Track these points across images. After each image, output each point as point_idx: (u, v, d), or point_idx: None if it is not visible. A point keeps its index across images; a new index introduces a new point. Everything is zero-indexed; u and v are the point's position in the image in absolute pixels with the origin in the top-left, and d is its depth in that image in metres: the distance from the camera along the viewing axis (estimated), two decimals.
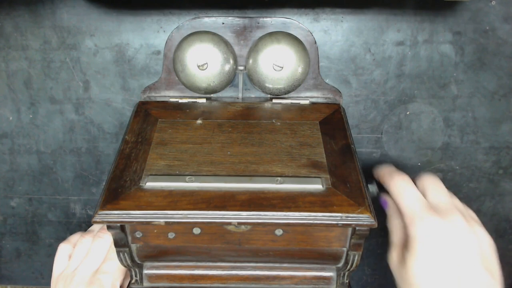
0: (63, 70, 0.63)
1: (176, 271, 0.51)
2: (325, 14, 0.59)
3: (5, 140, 0.67)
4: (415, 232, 0.45)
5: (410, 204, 0.47)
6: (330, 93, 0.61)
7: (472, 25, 0.60)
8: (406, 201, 0.48)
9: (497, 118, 0.65)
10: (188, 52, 0.58)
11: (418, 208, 0.46)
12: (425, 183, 0.50)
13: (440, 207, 0.47)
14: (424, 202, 0.47)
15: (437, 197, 0.48)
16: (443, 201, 0.48)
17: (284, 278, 0.51)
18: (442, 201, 0.48)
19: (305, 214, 0.42)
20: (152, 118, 0.56)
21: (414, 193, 0.48)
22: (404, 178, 0.50)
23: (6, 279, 0.79)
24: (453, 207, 0.47)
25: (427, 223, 0.45)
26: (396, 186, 0.49)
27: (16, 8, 0.59)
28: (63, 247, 0.56)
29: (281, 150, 0.50)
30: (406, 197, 0.48)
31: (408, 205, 0.47)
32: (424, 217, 0.45)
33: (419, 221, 0.45)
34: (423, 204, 0.47)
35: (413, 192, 0.48)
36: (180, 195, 0.44)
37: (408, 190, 0.48)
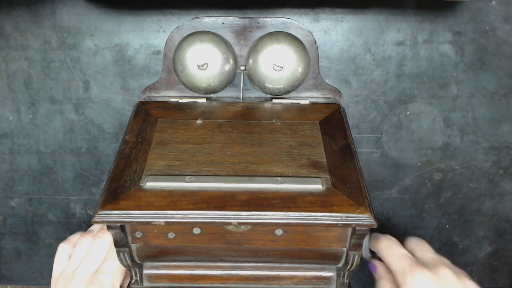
0: (63, 70, 0.63)
1: (176, 271, 0.50)
2: (325, 14, 0.59)
3: (5, 140, 0.67)
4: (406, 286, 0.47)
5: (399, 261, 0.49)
6: (330, 93, 0.61)
7: (472, 25, 0.60)
8: (395, 259, 0.49)
9: (497, 118, 0.65)
10: (188, 52, 0.58)
11: (407, 264, 0.48)
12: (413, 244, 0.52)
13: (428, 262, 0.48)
14: (412, 258, 0.49)
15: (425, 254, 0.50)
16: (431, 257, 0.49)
17: (284, 278, 0.51)
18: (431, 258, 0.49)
19: (305, 214, 0.42)
20: (152, 118, 0.56)
21: (402, 251, 0.50)
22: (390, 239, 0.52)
23: (6, 279, 0.79)
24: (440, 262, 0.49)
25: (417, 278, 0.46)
26: (384, 247, 0.51)
27: (16, 8, 0.59)
28: (63, 247, 0.56)
29: (281, 150, 0.50)
30: (395, 256, 0.49)
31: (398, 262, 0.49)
32: (414, 272, 0.47)
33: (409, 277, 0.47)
34: (412, 260, 0.48)
35: (401, 250, 0.50)
36: (180, 195, 0.44)
37: (396, 249, 0.50)
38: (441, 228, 0.72)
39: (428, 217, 0.72)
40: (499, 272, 0.76)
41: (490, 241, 0.73)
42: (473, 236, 0.73)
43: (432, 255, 0.50)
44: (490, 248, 0.74)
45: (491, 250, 0.74)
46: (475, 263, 0.75)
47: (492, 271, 0.76)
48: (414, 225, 0.72)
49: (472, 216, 0.71)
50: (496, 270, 0.76)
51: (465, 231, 0.73)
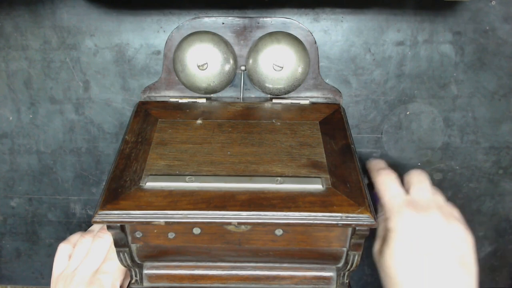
0: (63, 70, 0.63)
1: (176, 271, 0.50)
2: (325, 14, 0.59)
3: (5, 140, 0.67)
4: (391, 225, 0.48)
5: (390, 199, 0.49)
6: (330, 93, 0.61)
7: (472, 25, 0.60)
8: (387, 196, 0.50)
9: (497, 118, 0.65)
10: (188, 52, 0.58)
11: (397, 203, 0.49)
12: (411, 179, 0.52)
13: (420, 203, 0.49)
14: (404, 198, 0.49)
15: (419, 193, 0.50)
16: (424, 197, 0.49)
17: (284, 278, 0.51)
18: (424, 197, 0.49)
19: (305, 214, 0.42)
20: (152, 118, 0.56)
21: (396, 188, 0.50)
22: (388, 174, 0.52)
23: (6, 279, 0.79)
24: (434, 204, 0.49)
25: (404, 217, 0.47)
26: (380, 181, 0.52)
27: (16, 8, 0.59)
28: (63, 247, 0.56)
29: (281, 150, 0.50)
30: (388, 192, 0.50)
31: (389, 200, 0.49)
32: (401, 211, 0.48)
33: (396, 215, 0.48)
34: (403, 199, 0.49)
35: (395, 188, 0.50)
36: (180, 195, 0.44)
37: (391, 186, 0.51)
38: None
39: None
40: (499, 272, 0.76)
41: (490, 241, 0.73)
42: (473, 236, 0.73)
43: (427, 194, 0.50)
44: (490, 248, 0.74)
45: (491, 250, 0.74)
46: None
47: (492, 271, 0.76)
48: None
49: (472, 216, 0.71)
50: (496, 270, 0.76)
51: None
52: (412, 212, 0.47)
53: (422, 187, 0.51)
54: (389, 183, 0.51)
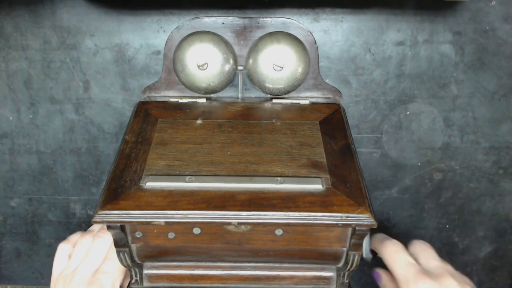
0: (63, 70, 0.63)
1: (176, 271, 0.50)
2: (325, 14, 0.59)
3: (5, 140, 0.67)
4: None
5: (403, 269, 0.48)
6: (330, 93, 0.61)
7: (472, 25, 0.60)
8: (399, 267, 0.49)
9: (497, 118, 0.65)
10: (188, 52, 0.58)
11: (412, 273, 0.47)
12: (417, 249, 0.51)
13: (432, 271, 0.48)
14: (417, 267, 0.48)
15: (429, 262, 0.49)
16: (435, 265, 0.49)
17: (284, 278, 0.51)
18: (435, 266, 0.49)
19: (305, 214, 0.42)
20: (152, 118, 0.56)
21: (407, 258, 0.49)
22: (396, 245, 0.51)
23: (6, 279, 0.79)
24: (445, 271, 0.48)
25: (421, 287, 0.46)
26: (388, 253, 0.50)
27: (16, 8, 0.59)
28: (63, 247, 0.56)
29: (281, 150, 0.50)
30: (399, 263, 0.49)
31: (402, 271, 0.48)
32: (418, 281, 0.46)
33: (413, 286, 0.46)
34: (416, 268, 0.48)
35: (406, 258, 0.49)
36: (180, 195, 0.44)
37: (401, 256, 0.49)
38: (441, 228, 0.72)
39: (428, 217, 0.72)
40: (499, 272, 0.76)
41: (490, 241, 0.73)
42: (473, 236, 0.73)
43: (436, 262, 0.49)
44: (490, 248, 0.74)
45: (491, 250, 0.74)
46: (475, 263, 0.75)
47: (492, 271, 0.76)
48: (414, 225, 0.72)
49: (472, 216, 0.71)
50: (496, 270, 0.76)
51: (465, 231, 0.73)
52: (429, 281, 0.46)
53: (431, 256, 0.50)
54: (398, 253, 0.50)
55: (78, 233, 0.58)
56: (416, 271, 0.47)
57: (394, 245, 0.51)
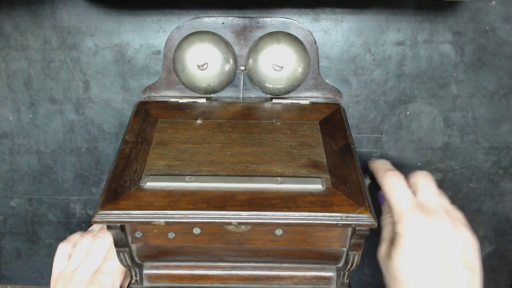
0: (63, 70, 0.63)
1: (176, 271, 0.51)
2: (325, 14, 0.59)
3: (5, 140, 0.67)
4: (402, 229, 0.48)
5: (399, 202, 0.49)
6: (330, 93, 0.61)
7: (472, 25, 0.60)
8: (396, 199, 0.50)
9: (497, 118, 0.65)
10: (188, 52, 0.58)
11: (407, 207, 0.48)
12: (417, 181, 0.52)
13: (428, 207, 0.49)
14: (413, 201, 0.49)
15: (427, 196, 0.50)
16: (432, 200, 0.50)
17: (284, 278, 0.51)
18: (431, 201, 0.50)
19: (305, 214, 0.42)
20: (152, 118, 0.56)
21: (405, 191, 0.50)
22: (396, 176, 0.51)
23: (6, 279, 0.79)
24: (441, 208, 0.49)
25: (414, 221, 0.47)
26: (388, 184, 0.51)
27: (16, 8, 0.59)
28: (63, 247, 0.56)
29: (281, 150, 0.50)
30: (397, 195, 0.50)
31: (398, 203, 0.49)
32: (411, 215, 0.48)
33: (406, 219, 0.48)
34: (412, 203, 0.49)
35: (404, 191, 0.50)
36: (180, 195, 0.44)
37: (399, 188, 0.50)
38: None
39: None
40: (499, 272, 0.76)
41: (490, 241, 0.73)
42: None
43: (434, 197, 0.50)
44: (490, 248, 0.74)
45: (491, 250, 0.74)
46: None
47: (492, 271, 0.76)
48: None
49: (472, 216, 0.71)
50: (496, 270, 0.76)
51: None
52: (422, 216, 0.47)
53: (429, 190, 0.51)
54: (398, 185, 0.51)
55: (78, 233, 0.58)
56: (412, 206, 0.48)
57: (394, 176, 0.51)
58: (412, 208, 0.48)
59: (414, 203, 0.49)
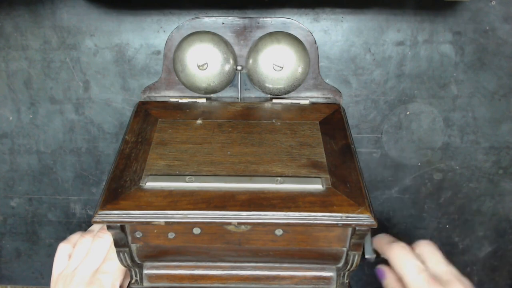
0: (63, 70, 0.63)
1: (176, 271, 0.50)
2: (325, 14, 0.59)
3: (5, 140, 0.67)
4: None
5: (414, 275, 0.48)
6: (330, 93, 0.61)
7: (472, 25, 0.60)
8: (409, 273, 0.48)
9: (497, 118, 0.65)
10: (188, 52, 0.58)
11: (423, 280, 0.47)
12: (423, 251, 0.51)
13: (441, 277, 0.48)
14: (426, 274, 0.48)
15: (438, 266, 0.50)
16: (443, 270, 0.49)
17: (284, 278, 0.51)
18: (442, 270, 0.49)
19: (305, 214, 0.42)
20: (152, 118, 0.56)
21: (416, 264, 0.49)
22: (403, 248, 0.51)
23: (6, 279, 0.79)
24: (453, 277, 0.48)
25: None
26: (396, 257, 0.50)
27: (16, 8, 0.59)
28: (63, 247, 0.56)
29: (281, 150, 0.50)
30: (410, 269, 0.49)
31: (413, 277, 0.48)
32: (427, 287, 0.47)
33: None
34: (426, 275, 0.48)
35: (415, 263, 0.49)
36: (180, 195, 0.44)
37: (410, 261, 0.49)
38: (441, 228, 0.72)
39: (428, 217, 0.72)
40: (499, 272, 0.76)
41: (490, 241, 0.73)
42: (473, 236, 0.73)
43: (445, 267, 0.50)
44: (490, 248, 0.74)
45: (491, 250, 0.74)
46: (475, 263, 0.75)
47: (492, 271, 0.76)
48: (414, 225, 0.72)
49: (472, 216, 0.71)
50: (496, 270, 0.76)
51: (465, 231, 0.73)
52: None
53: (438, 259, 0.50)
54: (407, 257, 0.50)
55: (78, 233, 0.58)
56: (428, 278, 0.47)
57: (401, 248, 0.50)
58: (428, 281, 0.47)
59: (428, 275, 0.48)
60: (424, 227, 0.72)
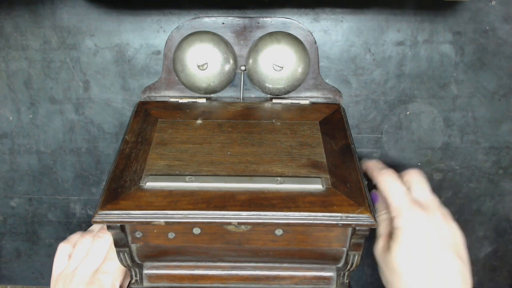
0: (63, 70, 0.63)
1: (176, 271, 0.51)
2: (325, 14, 0.59)
3: (5, 140, 0.67)
4: (400, 223, 0.50)
5: (397, 198, 0.52)
6: (330, 93, 0.61)
7: (472, 25, 0.60)
8: (393, 196, 0.52)
9: (497, 118, 0.65)
10: (188, 52, 0.58)
11: (404, 203, 0.51)
12: (410, 179, 0.55)
13: (423, 203, 0.52)
14: (409, 197, 0.52)
15: (421, 193, 0.53)
16: (425, 197, 0.53)
17: (284, 278, 0.51)
18: (425, 197, 0.53)
19: (305, 214, 0.42)
20: (152, 118, 0.56)
21: (401, 188, 0.53)
22: (391, 174, 0.54)
23: (6, 279, 0.79)
24: (433, 204, 0.53)
25: (411, 216, 0.50)
26: (384, 181, 0.54)
27: (16, 8, 0.59)
28: (63, 247, 0.56)
29: (281, 150, 0.50)
30: (394, 192, 0.52)
31: (395, 200, 0.52)
32: (409, 210, 0.51)
33: (405, 214, 0.51)
34: (409, 199, 0.52)
35: (400, 188, 0.53)
36: (180, 195, 0.44)
37: (396, 186, 0.53)
38: None
39: None
40: (499, 272, 0.76)
41: (490, 241, 0.73)
42: (473, 236, 0.73)
43: (428, 195, 0.53)
44: (490, 248, 0.74)
45: (491, 250, 0.74)
46: (475, 263, 0.75)
47: (492, 271, 0.76)
48: None
49: (472, 216, 0.71)
50: (496, 270, 0.76)
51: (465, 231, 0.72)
52: (418, 212, 0.51)
53: (422, 187, 0.54)
54: (393, 182, 0.53)
55: (78, 233, 0.58)
56: (409, 202, 0.51)
57: (389, 174, 0.54)
58: (409, 204, 0.51)
59: (411, 199, 0.52)
60: None
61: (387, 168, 0.56)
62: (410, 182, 0.54)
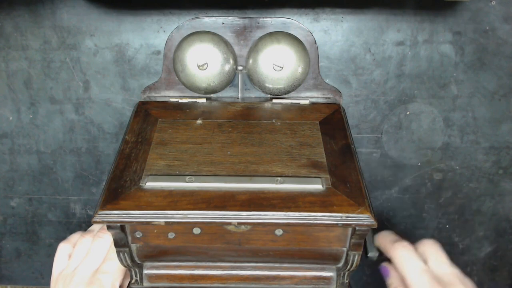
0: (63, 70, 0.63)
1: (176, 271, 0.50)
2: (325, 14, 0.59)
3: (5, 140, 0.67)
4: None
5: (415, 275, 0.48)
6: (330, 93, 0.61)
7: (472, 25, 0.60)
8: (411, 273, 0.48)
9: (497, 118, 0.65)
10: (188, 52, 0.58)
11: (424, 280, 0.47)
12: (426, 250, 0.51)
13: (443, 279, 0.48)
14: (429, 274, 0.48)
15: (440, 267, 0.49)
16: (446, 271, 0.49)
17: (284, 278, 0.51)
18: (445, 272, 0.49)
19: (305, 214, 0.42)
20: (152, 118, 0.56)
21: (418, 263, 0.49)
22: (406, 247, 0.50)
23: (6, 279, 0.79)
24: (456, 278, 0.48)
25: None
26: (399, 257, 0.50)
27: (16, 8, 0.59)
28: (63, 247, 0.56)
29: (281, 150, 0.50)
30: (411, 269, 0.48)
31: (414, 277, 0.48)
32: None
33: None
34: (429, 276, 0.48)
35: (417, 263, 0.49)
36: (180, 195, 0.44)
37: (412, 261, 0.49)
38: (441, 228, 0.72)
39: (428, 217, 0.72)
40: (499, 272, 0.76)
41: (490, 241, 0.73)
42: (473, 236, 0.73)
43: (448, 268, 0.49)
44: (490, 248, 0.74)
45: (491, 250, 0.74)
46: (475, 263, 0.75)
47: (492, 271, 0.76)
48: (414, 225, 0.72)
49: (472, 216, 0.71)
50: (496, 270, 0.76)
51: (465, 231, 0.73)
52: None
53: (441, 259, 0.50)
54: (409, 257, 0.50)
55: (78, 233, 0.58)
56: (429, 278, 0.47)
57: (404, 247, 0.50)
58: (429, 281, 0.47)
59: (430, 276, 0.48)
60: (424, 227, 0.72)
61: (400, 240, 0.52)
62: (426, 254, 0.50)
